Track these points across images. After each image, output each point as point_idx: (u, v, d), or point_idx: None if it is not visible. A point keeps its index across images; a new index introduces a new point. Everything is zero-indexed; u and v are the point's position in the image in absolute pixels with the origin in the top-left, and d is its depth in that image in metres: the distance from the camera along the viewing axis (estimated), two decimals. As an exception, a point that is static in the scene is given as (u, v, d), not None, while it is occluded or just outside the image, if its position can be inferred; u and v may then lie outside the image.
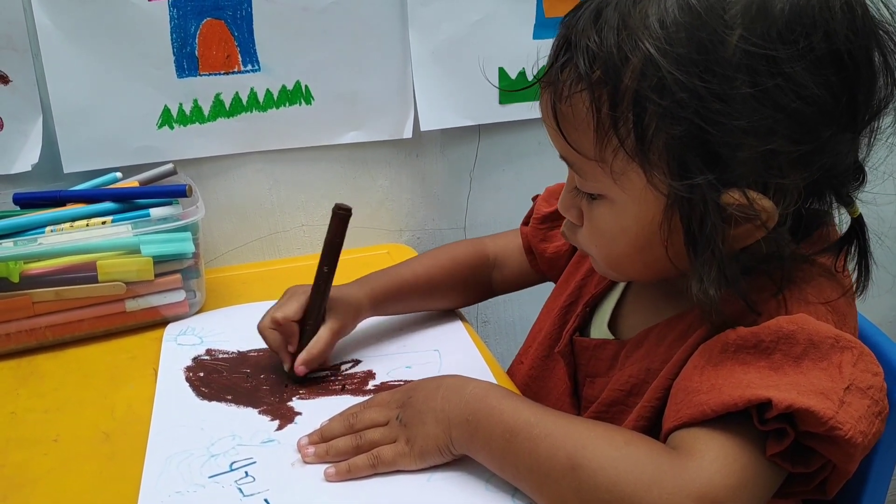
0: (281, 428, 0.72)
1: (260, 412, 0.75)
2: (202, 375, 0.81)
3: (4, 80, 0.95)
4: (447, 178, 1.19)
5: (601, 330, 0.74)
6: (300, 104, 1.07)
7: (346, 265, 0.81)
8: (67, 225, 0.89)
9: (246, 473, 0.66)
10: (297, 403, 0.76)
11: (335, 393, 0.77)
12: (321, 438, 0.68)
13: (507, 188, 1.22)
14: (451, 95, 1.11)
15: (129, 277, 0.88)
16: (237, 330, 0.89)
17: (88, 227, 0.89)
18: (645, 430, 0.61)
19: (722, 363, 0.56)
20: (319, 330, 0.79)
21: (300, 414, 0.74)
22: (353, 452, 0.65)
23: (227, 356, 0.85)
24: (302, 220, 1.14)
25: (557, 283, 0.85)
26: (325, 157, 1.12)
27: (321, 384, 0.79)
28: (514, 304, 1.28)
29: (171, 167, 1.00)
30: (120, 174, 0.99)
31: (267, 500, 0.63)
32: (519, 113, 1.15)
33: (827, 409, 0.51)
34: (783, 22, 0.53)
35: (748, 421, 0.53)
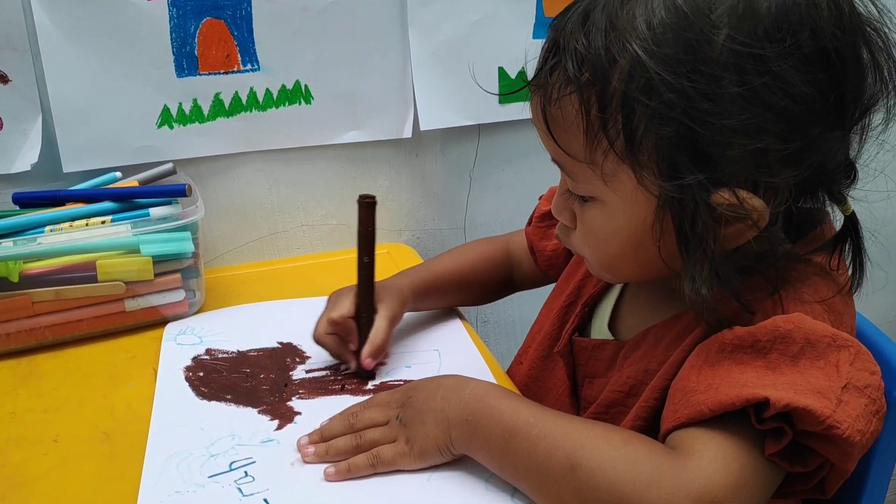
0: (280, 427, 0.72)
1: (259, 412, 0.75)
2: (202, 375, 0.81)
3: (4, 79, 0.95)
4: (447, 177, 1.19)
5: (601, 330, 0.74)
6: (300, 104, 1.07)
7: (346, 265, 0.81)
8: (67, 224, 0.89)
9: (245, 473, 0.66)
10: (296, 403, 0.76)
11: (335, 393, 0.78)
12: (321, 438, 0.68)
13: (507, 188, 1.22)
14: (450, 95, 1.11)
15: (128, 277, 0.88)
16: (237, 329, 0.89)
17: (88, 226, 0.89)
18: (643, 430, 0.61)
19: (719, 363, 0.56)
20: (376, 321, 0.79)
21: (300, 414, 0.74)
22: (352, 452, 0.65)
23: (226, 356, 0.85)
24: (302, 219, 1.14)
25: (557, 283, 0.85)
26: (324, 156, 1.12)
27: (321, 384, 0.79)
28: (513, 303, 1.27)
29: (170, 167, 1.00)
30: (119, 174, 0.99)
31: (266, 499, 0.63)
32: (519, 112, 1.15)
33: (824, 407, 0.51)
34: (770, 20, 0.53)
35: (746, 420, 0.53)
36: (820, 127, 0.55)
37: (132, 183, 0.97)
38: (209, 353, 0.85)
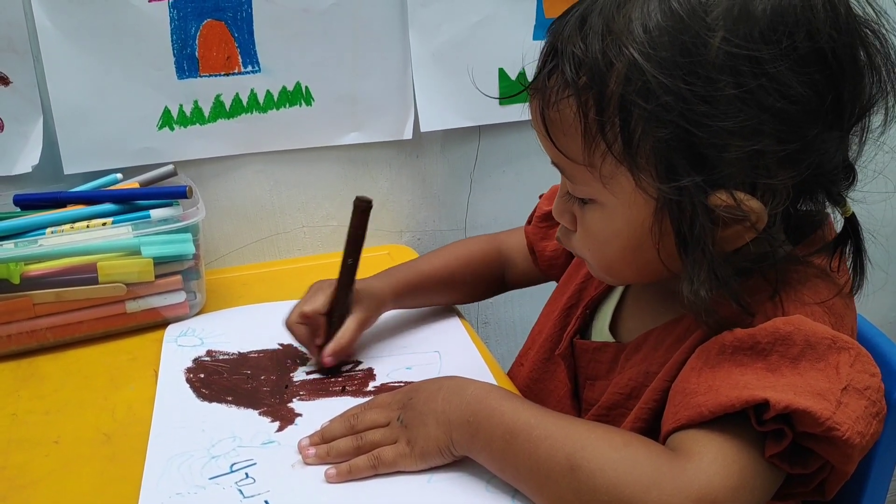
0: (281, 429, 0.72)
1: (260, 413, 0.75)
2: (203, 377, 0.81)
3: (5, 81, 0.95)
4: (447, 178, 1.19)
5: (602, 332, 0.74)
6: (300, 105, 1.07)
7: (346, 266, 0.82)
8: (68, 226, 0.90)
9: (246, 475, 0.66)
10: (297, 405, 0.76)
11: (335, 394, 0.78)
12: (322, 439, 0.68)
13: (507, 189, 1.22)
14: (451, 96, 1.11)
15: (129, 279, 0.88)
16: (238, 331, 0.89)
17: (89, 228, 0.89)
18: (643, 431, 0.61)
19: (719, 365, 0.56)
20: (346, 321, 0.80)
21: (300, 415, 0.74)
22: (353, 453, 0.65)
23: (227, 357, 0.85)
24: (302, 221, 1.15)
25: (558, 285, 0.85)
26: (325, 158, 1.12)
27: (321, 385, 0.79)
28: (514, 305, 1.28)
29: (171, 168, 1.00)
30: (120, 175, 1.00)
31: (267, 501, 0.63)
32: (519, 114, 1.15)
33: (824, 409, 0.51)
34: (765, 22, 0.54)
35: (746, 422, 0.53)
36: (817, 128, 0.55)
37: (133, 185, 0.98)
38: (210, 354, 0.85)
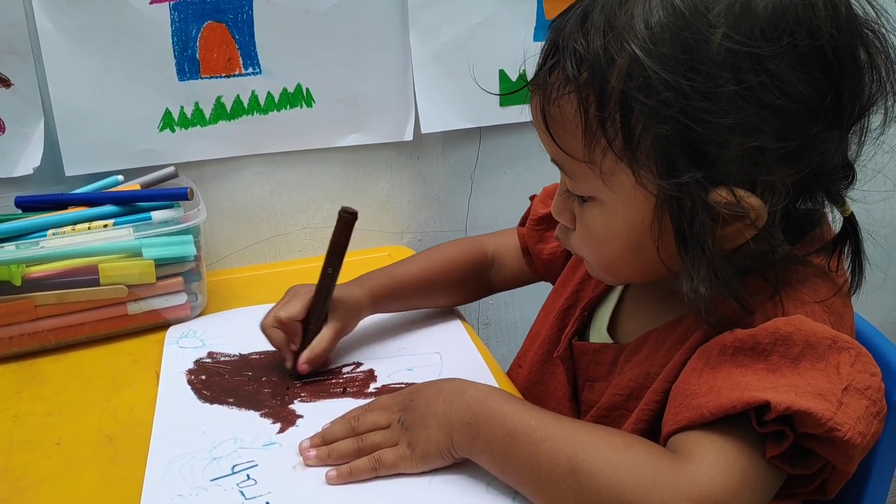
0: (282, 431, 0.72)
1: (262, 415, 0.75)
2: (204, 378, 0.81)
3: (6, 83, 0.95)
4: (448, 180, 1.19)
5: (600, 334, 0.74)
6: (301, 107, 1.07)
7: (347, 267, 0.81)
8: (69, 228, 0.90)
9: (248, 476, 0.66)
10: (298, 406, 0.76)
11: (336, 396, 0.78)
12: (323, 441, 0.68)
13: (508, 190, 1.22)
14: (451, 97, 1.11)
15: (130, 280, 0.88)
16: (239, 332, 0.89)
17: (90, 230, 0.89)
18: (644, 433, 0.61)
19: (720, 366, 0.56)
20: (322, 330, 0.80)
21: (302, 417, 0.74)
22: (354, 455, 0.65)
23: (228, 359, 0.85)
24: (303, 222, 1.15)
25: (555, 286, 0.85)
26: (326, 159, 1.12)
27: (322, 387, 0.79)
28: (515, 305, 1.28)
29: (172, 170, 1.00)
30: (121, 177, 1.00)
31: (269, 502, 0.63)
32: (520, 115, 1.15)
33: (825, 410, 0.51)
34: (766, 20, 0.54)
35: (747, 423, 0.53)
36: (817, 126, 0.55)
37: (134, 186, 0.98)
38: (211, 356, 0.85)
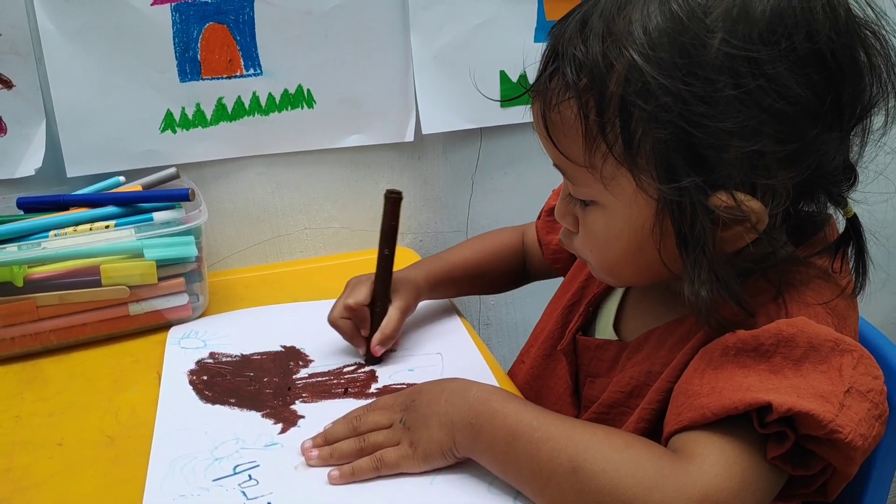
0: (284, 431, 0.72)
1: (263, 415, 0.75)
2: (205, 379, 0.81)
3: (8, 84, 0.95)
4: (449, 180, 1.19)
5: (605, 330, 0.75)
6: (302, 108, 1.07)
7: (347, 267, 0.82)
8: (71, 229, 0.90)
9: (249, 477, 0.66)
10: (300, 407, 0.76)
11: (338, 396, 0.78)
12: (325, 441, 0.68)
13: (508, 191, 1.22)
14: (452, 98, 1.11)
15: (132, 281, 0.88)
16: (240, 333, 0.90)
17: (92, 231, 0.89)
18: (646, 433, 0.61)
19: (722, 366, 0.56)
20: (389, 311, 0.82)
21: (303, 417, 0.74)
22: (356, 455, 0.66)
23: (230, 359, 0.85)
24: (304, 223, 1.15)
25: (562, 282, 0.85)
26: (327, 160, 1.12)
27: (324, 387, 0.79)
28: (516, 306, 1.28)
29: (173, 171, 1.00)
30: (123, 178, 1.00)
31: (270, 502, 0.63)
32: (520, 116, 1.16)
33: (827, 412, 0.51)
34: (764, 23, 0.54)
35: (749, 424, 0.54)
36: (817, 128, 0.55)
37: (136, 187, 0.98)
38: (213, 356, 0.85)
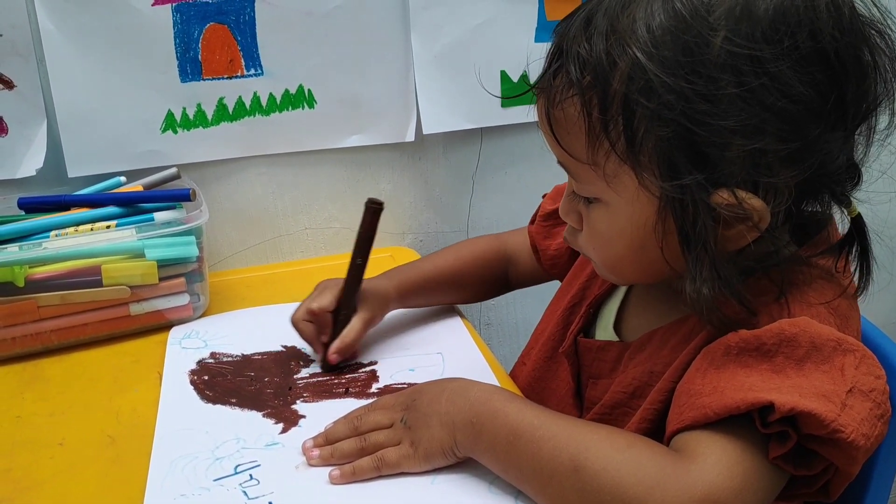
0: (285, 431, 0.72)
1: (264, 415, 0.75)
2: (206, 379, 0.81)
3: (9, 85, 0.95)
4: (450, 181, 1.19)
5: (606, 331, 0.74)
6: (303, 108, 1.07)
7: (345, 268, 0.82)
8: (72, 229, 0.90)
9: (250, 476, 0.66)
10: (301, 406, 0.76)
11: (339, 396, 0.78)
12: (326, 441, 0.68)
13: (509, 191, 1.22)
14: (453, 98, 1.11)
15: (133, 281, 0.88)
16: (241, 333, 0.90)
17: (93, 231, 0.89)
18: (648, 432, 0.61)
19: (724, 366, 0.56)
20: (352, 320, 0.82)
21: (304, 417, 0.74)
22: (357, 455, 0.66)
23: (231, 359, 0.85)
24: (305, 223, 1.15)
25: (562, 284, 0.85)
26: (327, 160, 1.12)
27: (325, 387, 0.79)
28: (516, 306, 1.28)
29: (174, 171, 1.00)
30: (124, 178, 1.00)
31: (272, 502, 0.63)
32: (521, 116, 1.16)
33: (829, 412, 0.51)
34: (767, 22, 0.54)
35: (751, 424, 0.54)
36: (820, 127, 0.55)
37: (137, 188, 0.98)
38: (214, 356, 0.85)
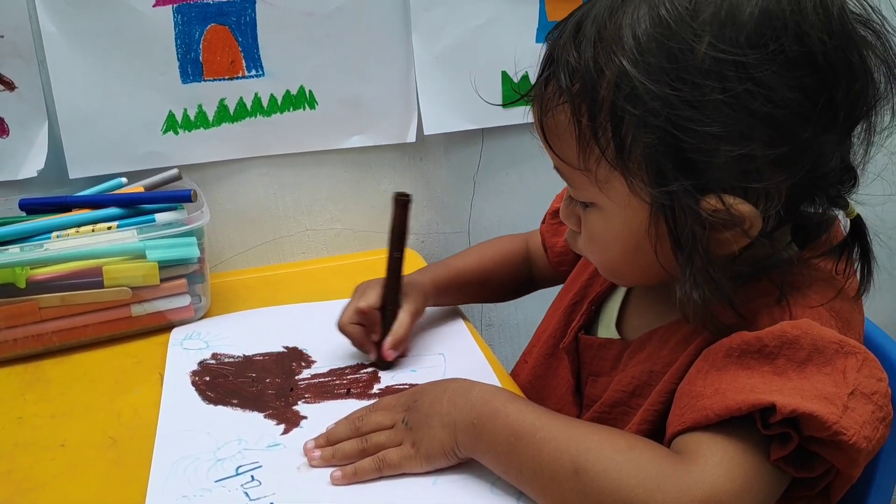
0: (287, 432, 0.72)
1: (265, 416, 0.75)
2: (208, 380, 0.81)
3: (10, 86, 0.95)
4: (451, 181, 1.19)
5: (608, 329, 0.75)
6: (304, 109, 1.07)
7: (349, 268, 0.82)
8: (73, 230, 0.90)
9: (252, 477, 0.66)
10: (302, 407, 0.76)
11: (340, 397, 0.78)
12: (327, 442, 0.68)
13: (510, 191, 1.22)
14: (454, 99, 1.11)
15: (134, 282, 0.88)
16: (242, 334, 0.90)
17: (94, 232, 0.89)
18: (649, 433, 0.61)
19: (726, 367, 0.56)
20: (399, 314, 0.81)
21: (305, 418, 0.74)
22: (358, 456, 0.66)
23: (232, 360, 0.85)
24: (306, 224, 1.15)
25: (565, 283, 0.86)
26: (329, 161, 1.12)
27: (326, 388, 0.79)
28: (518, 306, 1.28)
29: (175, 172, 1.00)
30: (125, 179, 1.00)
31: (273, 503, 0.63)
32: (522, 116, 1.15)
33: (831, 414, 0.51)
34: (752, 26, 0.54)
35: (752, 425, 0.54)
36: (809, 130, 0.55)
37: (138, 189, 0.98)
38: (215, 357, 0.85)
